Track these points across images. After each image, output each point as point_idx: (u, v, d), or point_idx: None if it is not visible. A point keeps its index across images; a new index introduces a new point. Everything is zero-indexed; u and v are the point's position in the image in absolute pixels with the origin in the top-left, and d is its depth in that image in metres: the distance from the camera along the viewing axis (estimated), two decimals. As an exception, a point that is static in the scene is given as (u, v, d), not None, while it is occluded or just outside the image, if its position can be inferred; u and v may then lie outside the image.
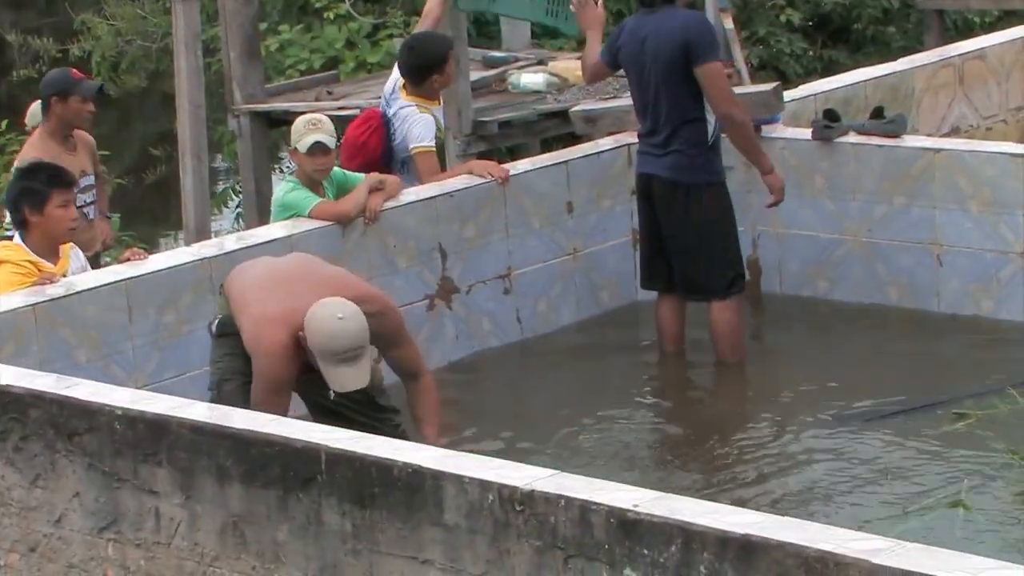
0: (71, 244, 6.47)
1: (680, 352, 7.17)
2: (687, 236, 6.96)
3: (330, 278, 5.73)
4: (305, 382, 5.63)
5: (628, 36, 6.99)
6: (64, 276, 6.24)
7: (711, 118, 6.89)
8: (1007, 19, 15.28)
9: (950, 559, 3.65)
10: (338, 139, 7.24)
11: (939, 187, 7.16)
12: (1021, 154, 7.28)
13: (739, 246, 7.09)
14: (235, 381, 5.62)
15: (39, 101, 7.75)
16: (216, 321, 5.76)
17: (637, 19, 7.05)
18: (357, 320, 5.43)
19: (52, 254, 6.31)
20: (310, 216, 6.78)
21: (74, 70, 7.84)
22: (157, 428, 4.76)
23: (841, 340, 7.23)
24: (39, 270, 6.21)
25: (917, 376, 6.79)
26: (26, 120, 8.25)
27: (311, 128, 6.80)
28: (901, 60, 9.25)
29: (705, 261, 6.95)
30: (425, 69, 7.44)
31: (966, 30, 15.86)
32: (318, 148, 6.77)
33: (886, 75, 8.79)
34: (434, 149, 7.47)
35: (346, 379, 5.42)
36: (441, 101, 7.71)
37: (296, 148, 6.84)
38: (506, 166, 7.43)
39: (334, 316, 5.41)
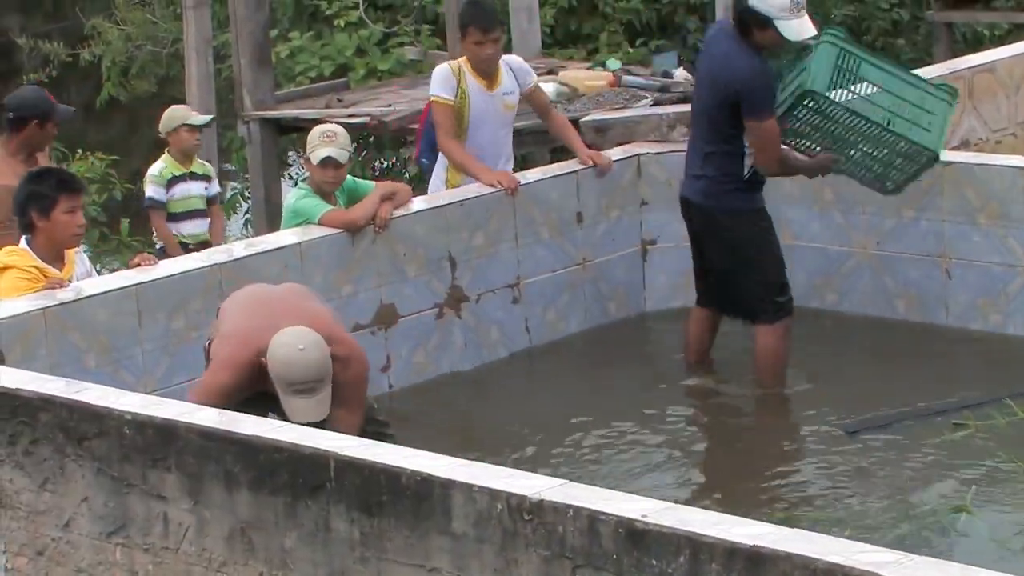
0: (76, 249, 6.48)
1: (700, 363, 7.13)
2: (723, 260, 6.93)
3: (311, 313, 5.60)
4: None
5: (704, 47, 6.98)
6: (70, 281, 6.25)
7: (748, 155, 6.77)
8: (1017, 32, 15.29)
9: (958, 573, 3.65)
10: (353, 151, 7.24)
11: (948, 200, 7.17)
12: (1030, 168, 7.29)
13: (781, 271, 6.92)
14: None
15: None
16: (208, 343, 5.73)
17: (715, 32, 7.02)
18: (319, 353, 5.32)
19: (57, 259, 6.32)
20: (319, 223, 6.79)
21: (45, 91, 7.71)
22: (166, 433, 4.76)
23: (848, 352, 7.23)
24: (44, 275, 6.22)
25: (923, 389, 6.79)
26: None
27: (325, 141, 6.82)
28: (911, 73, 9.25)
29: (744, 285, 6.88)
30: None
31: (975, 43, 15.86)
32: (329, 162, 6.79)
33: (896, 88, 8.78)
34: (446, 102, 7.38)
35: (300, 411, 5.29)
36: (496, 81, 7.51)
37: (309, 158, 6.86)
38: (516, 175, 7.44)
39: (295, 345, 5.32)
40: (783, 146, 6.82)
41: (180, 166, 8.42)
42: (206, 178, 8.56)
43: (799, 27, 6.59)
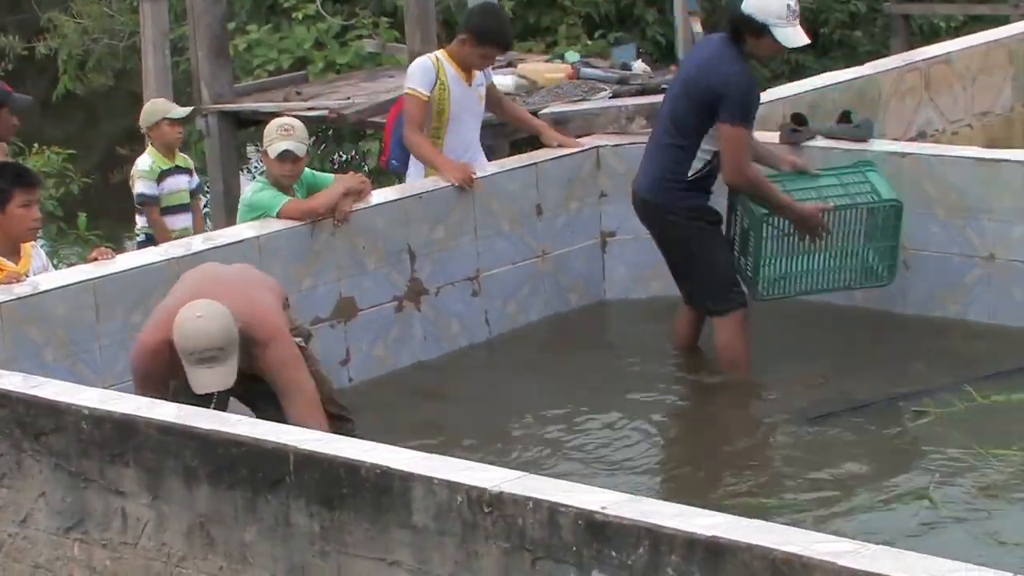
0: (33, 244, 6.45)
1: (682, 354, 7.13)
2: (669, 254, 6.98)
3: (240, 292, 5.61)
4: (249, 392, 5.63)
5: (692, 49, 7.01)
6: (27, 276, 6.22)
7: (699, 158, 6.75)
8: (972, 24, 15.38)
9: (915, 561, 3.67)
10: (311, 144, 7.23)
11: (906, 191, 7.19)
12: (987, 159, 7.32)
13: (727, 269, 6.89)
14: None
15: None
16: None
17: (706, 38, 7.07)
18: (220, 321, 5.34)
19: (13, 253, 6.29)
20: (279, 216, 6.77)
21: (2, 81, 7.67)
22: (124, 428, 4.75)
23: (807, 341, 7.25)
24: (1, 269, 6.18)
25: (882, 377, 6.82)
26: None
27: (283, 134, 6.79)
28: (868, 64, 9.30)
29: (694, 278, 6.90)
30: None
31: (932, 35, 15.95)
32: (287, 156, 6.77)
33: (853, 79, 8.83)
34: (422, 96, 7.36)
35: (203, 380, 5.33)
36: (474, 74, 7.50)
37: (267, 151, 6.84)
38: (473, 168, 7.43)
39: (194, 315, 5.35)
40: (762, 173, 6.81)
41: (166, 160, 8.40)
42: (188, 171, 8.56)
43: (794, 34, 6.59)
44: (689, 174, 6.79)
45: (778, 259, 6.97)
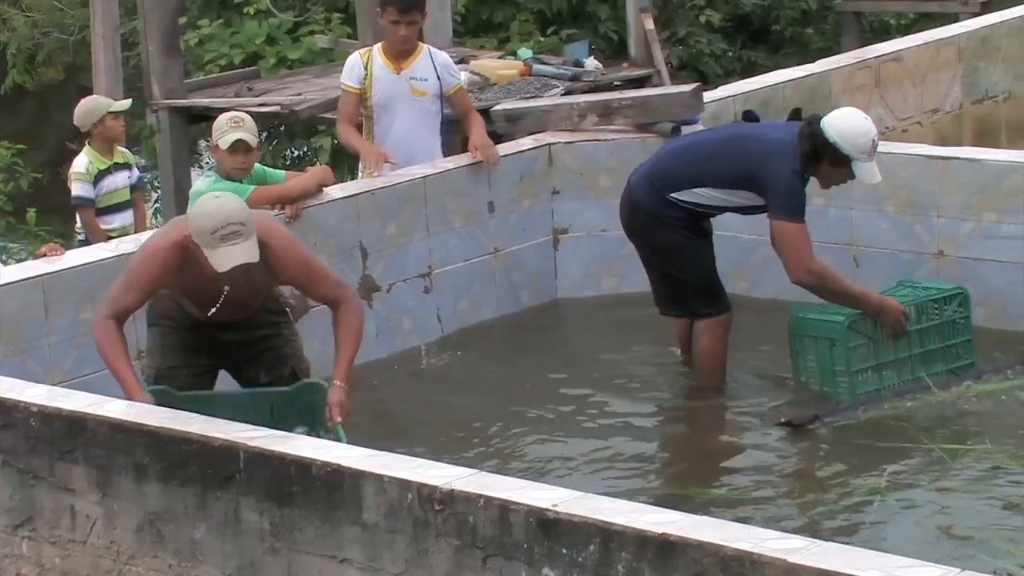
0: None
1: (686, 360, 6.99)
2: (649, 257, 6.87)
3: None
4: (204, 333, 5.63)
5: (759, 121, 6.91)
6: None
7: (704, 211, 6.69)
8: (923, 22, 15.48)
9: (866, 558, 3.69)
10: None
11: (856, 188, 7.22)
12: (937, 156, 7.37)
13: (708, 279, 6.77)
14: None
15: None
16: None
17: (778, 124, 6.97)
18: (238, 202, 5.42)
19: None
20: (250, 201, 6.73)
21: None
22: (74, 425, 4.72)
23: (760, 340, 7.26)
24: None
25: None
26: None
27: (234, 126, 6.76)
28: (819, 62, 9.34)
29: (674, 280, 6.79)
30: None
31: (883, 32, 16.05)
32: (240, 146, 6.72)
33: (805, 76, 8.86)
34: (352, 89, 7.50)
35: (228, 256, 5.26)
36: (406, 64, 7.51)
37: (218, 144, 6.80)
38: (387, 153, 7.40)
39: (211, 198, 5.42)
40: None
41: (104, 159, 8.34)
42: (128, 167, 8.49)
43: (871, 171, 6.52)
44: (690, 218, 6.67)
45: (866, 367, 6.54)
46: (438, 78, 7.57)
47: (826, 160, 6.54)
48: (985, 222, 7.15)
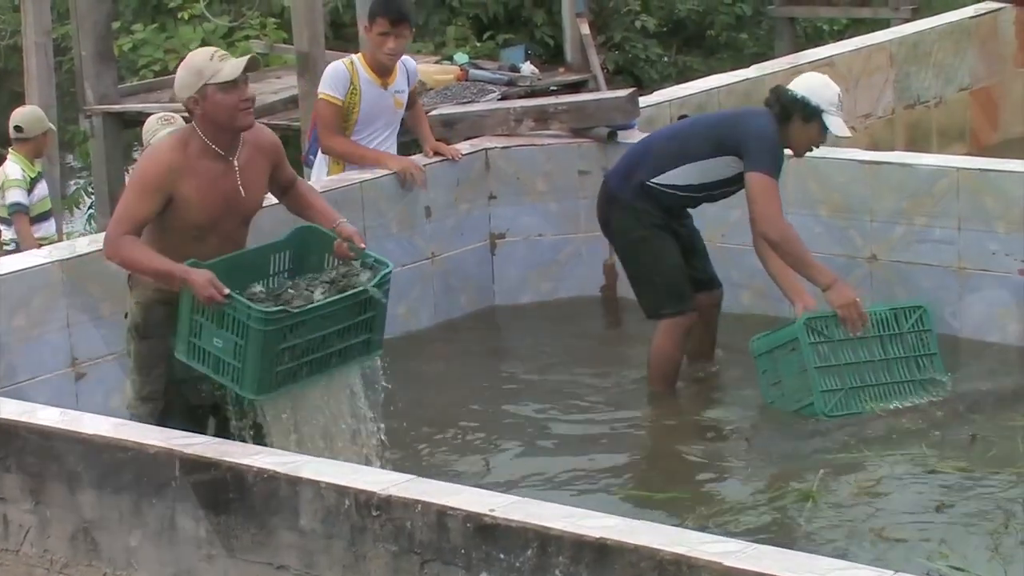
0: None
1: (694, 361, 6.97)
2: (621, 253, 6.93)
3: None
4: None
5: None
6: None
7: (686, 194, 6.73)
8: (855, 27, 15.61)
9: (800, 561, 3.72)
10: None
11: (790, 192, 7.26)
12: (869, 160, 7.43)
13: (671, 268, 6.74)
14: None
15: None
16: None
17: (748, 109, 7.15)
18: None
19: None
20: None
21: None
22: (5, 433, 4.68)
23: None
24: None
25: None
26: None
27: (164, 124, 6.74)
28: (753, 67, 9.41)
29: (642, 277, 6.79)
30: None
31: (816, 38, 16.19)
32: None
33: (739, 82, 8.92)
34: (335, 100, 7.26)
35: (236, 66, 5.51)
36: (391, 78, 7.40)
37: (150, 144, 6.75)
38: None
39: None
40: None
41: (32, 168, 8.36)
42: (43, 177, 8.56)
43: (840, 124, 6.60)
44: (664, 204, 6.70)
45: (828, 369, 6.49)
46: (408, 85, 7.51)
47: (796, 117, 6.61)
48: (917, 226, 7.22)
